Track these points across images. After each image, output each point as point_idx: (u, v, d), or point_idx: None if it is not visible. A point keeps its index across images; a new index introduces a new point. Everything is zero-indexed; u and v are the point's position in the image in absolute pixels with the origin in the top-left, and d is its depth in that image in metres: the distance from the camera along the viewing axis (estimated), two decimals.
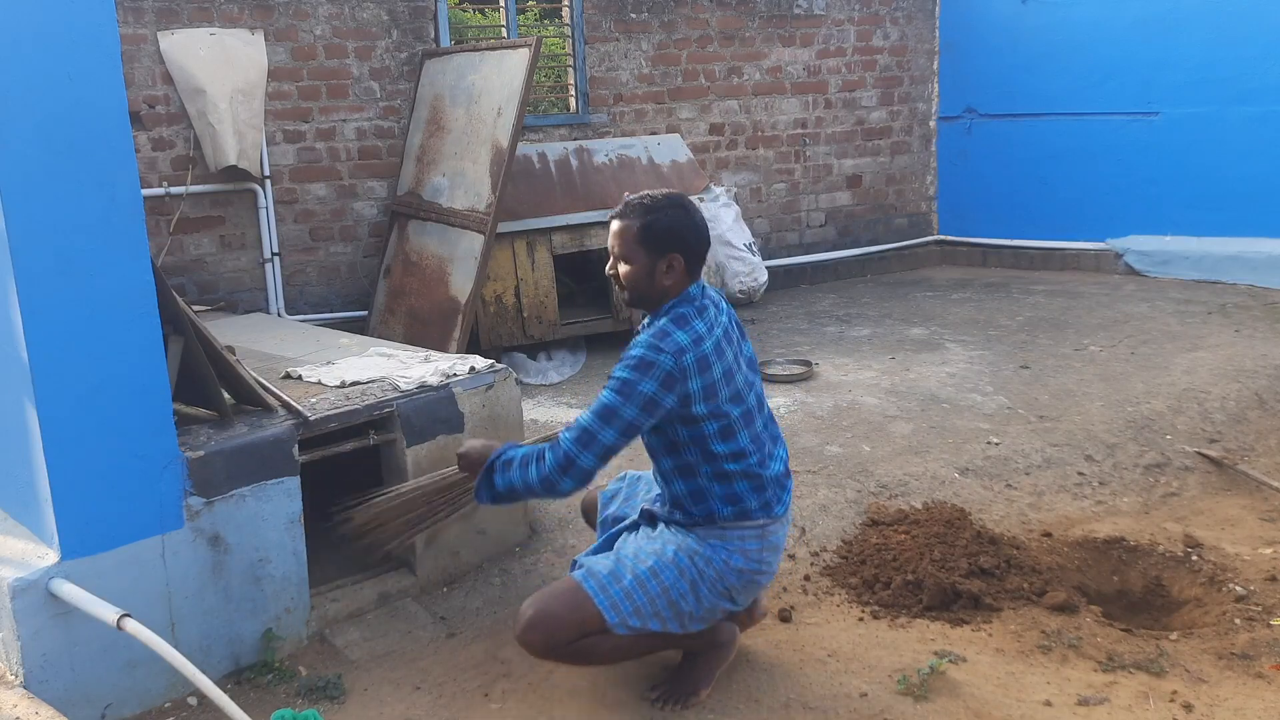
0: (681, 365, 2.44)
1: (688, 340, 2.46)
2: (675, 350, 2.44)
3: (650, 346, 2.45)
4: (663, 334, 2.47)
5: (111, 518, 2.55)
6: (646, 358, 2.44)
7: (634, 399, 2.44)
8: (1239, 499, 3.92)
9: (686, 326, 2.49)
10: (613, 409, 2.45)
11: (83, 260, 2.42)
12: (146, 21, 5.14)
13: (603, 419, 2.46)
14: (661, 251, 2.52)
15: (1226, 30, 6.49)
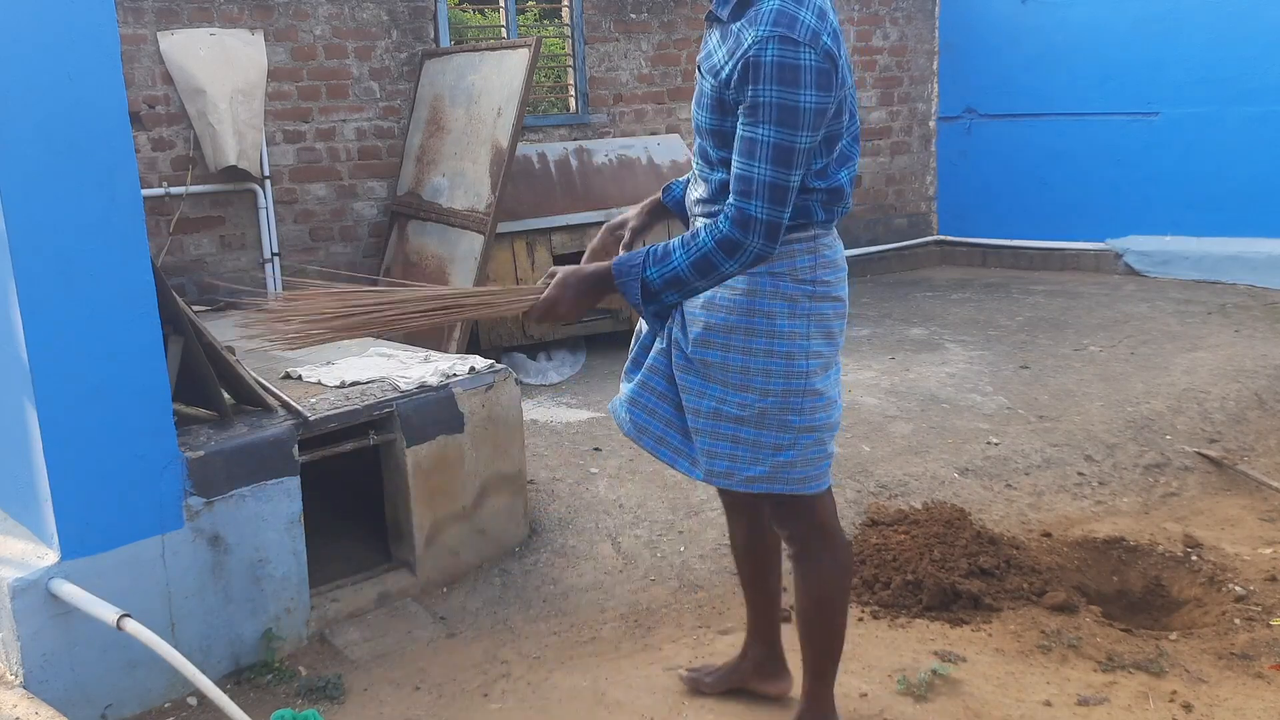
0: (825, 51, 1.91)
1: (813, 19, 1.91)
2: (808, 33, 1.90)
3: (780, 42, 1.88)
4: (780, 19, 1.89)
5: (111, 518, 2.55)
6: (786, 62, 1.87)
7: (805, 118, 1.91)
8: (1239, 499, 3.92)
9: (795, 3, 1.91)
10: (790, 145, 1.91)
11: (83, 260, 2.42)
12: (146, 21, 5.14)
13: (782, 158, 1.92)
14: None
15: (1226, 30, 6.49)
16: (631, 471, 3.84)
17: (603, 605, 3.18)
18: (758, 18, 1.92)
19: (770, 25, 1.90)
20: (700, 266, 2.01)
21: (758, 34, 1.90)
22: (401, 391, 3.21)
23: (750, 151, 1.94)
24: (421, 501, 3.22)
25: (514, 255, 5.30)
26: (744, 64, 1.92)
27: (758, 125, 1.92)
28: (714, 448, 2.17)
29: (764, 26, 1.90)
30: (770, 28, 1.89)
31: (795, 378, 2.13)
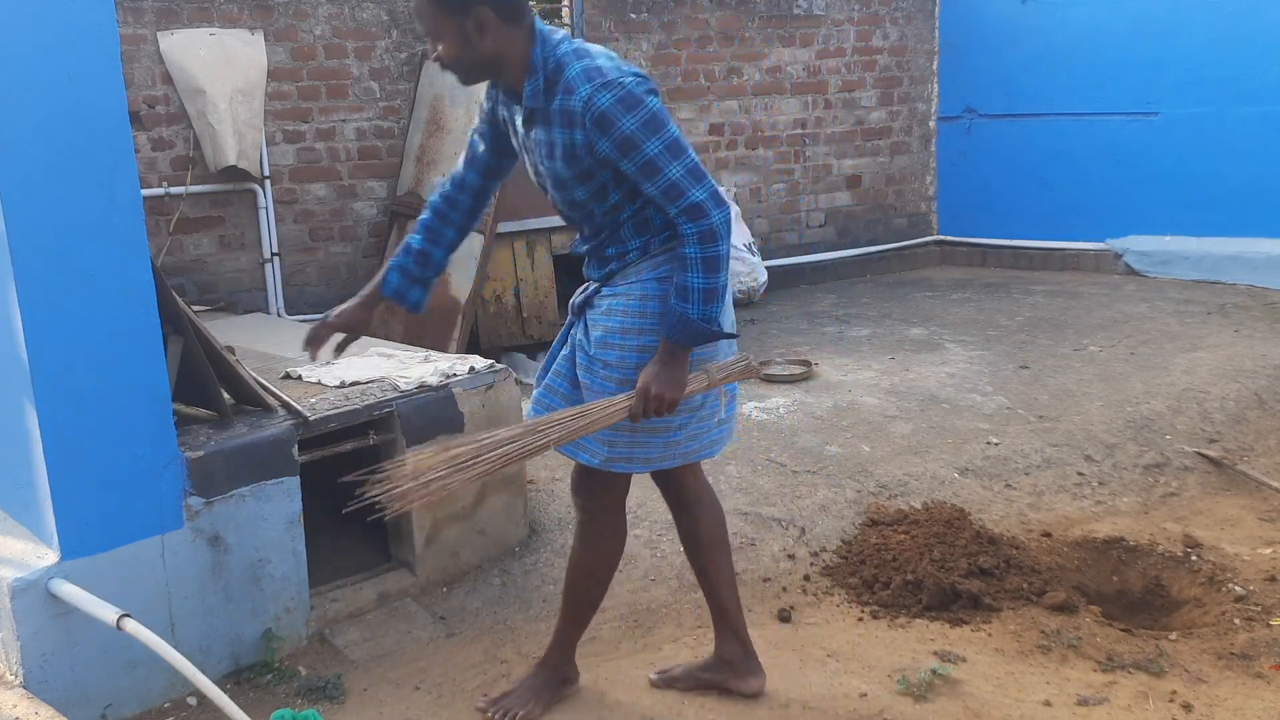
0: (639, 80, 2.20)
1: (612, 65, 2.19)
2: (616, 73, 2.18)
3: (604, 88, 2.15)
4: (592, 73, 2.17)
5: (111, 518, 2.55)
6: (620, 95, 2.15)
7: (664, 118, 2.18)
8: (1238, 499, 3.92)
9: (589, 54, 2.21)
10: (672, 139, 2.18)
11: (83, 260, 2.42)
12: (146, 21, 5.14)
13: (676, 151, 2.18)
14: (465, 10, 2.18)
15: (1226, 30, 6.49)
16: None
17: (602, 605, 3.16)
18: (570, 87, 2.18)
19: (586, 84, 2.16)
20: (709, 269, 2.23)
21: (583, 95, 2.16)
22: (401, 391, 3.21)
23: (653, 169, 2.19)
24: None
25: (514, 255, 5.30)
26: (594, 122, 2.17)
27: (641, 149, 2.17)
28: (614, 438, 2.39)
29: (583, 88, 2.16)
30: (588, 85, 2.16)
31: None
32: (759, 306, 6.62)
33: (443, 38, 2.24)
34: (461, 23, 2.20)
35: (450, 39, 2.23)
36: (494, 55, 2.25)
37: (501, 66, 2.27)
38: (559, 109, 2.21)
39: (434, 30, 2.25)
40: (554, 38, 2.26)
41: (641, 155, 2.18)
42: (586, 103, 2.16)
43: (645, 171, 2.20)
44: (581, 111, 2.17)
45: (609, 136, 2.18)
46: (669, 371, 2.29)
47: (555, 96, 2.21)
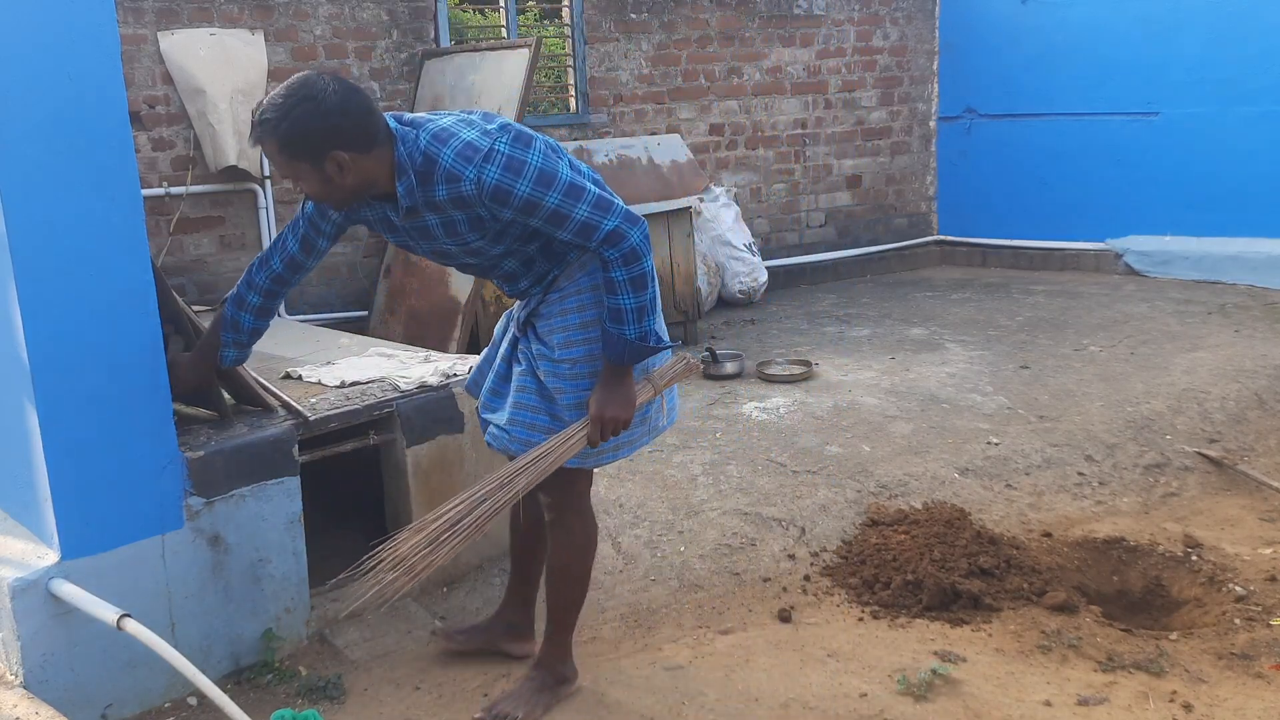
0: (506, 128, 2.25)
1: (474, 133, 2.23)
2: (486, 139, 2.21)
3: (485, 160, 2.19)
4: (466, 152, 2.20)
5: (111, 518, 2.55)
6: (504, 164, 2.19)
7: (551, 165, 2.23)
8: (1239, 499, 3.92)
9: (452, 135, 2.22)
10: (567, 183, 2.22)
11: (83, 260, 2.42)
12: (146, 21, 5.15)
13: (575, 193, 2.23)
14: (318, 157, 2.17)
15: (1226, 30, 6.49)
16: (631, 472, 3.85)
17: (603, 605, 3.18)
18: (453, 175, 2.20)
19: (467, 165, 2.19)
20: (637, 288, 2.28)
21: (471, 178, 2.19)
22: (401, 391, 3.21)
23: (561, 217, 2.24)
24: (421, 501, 3.21)
25: None
26: (491, 197, 2.21)
27: (543, 204, 2.22)
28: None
29: (468, 170, 2.19)
30: (470, 167, 2.19)
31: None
32: (759, 306, 6.62)
33: (301, 180, 2.24)
34: (317, 166, 2.19)
35: (309, 181, 2.23)
36: (359, 184, 2.25)
37: (369, 187, 2.27)
38: (448, 197, 2.25)
39: (291, 175, 2.23)
40: (409, 132, 2.25)
41: (545, 209, 2.23)
42: (478, 184, 2.20)
43: (554, 221, 2.25)
44: (476, 193, 2.21)
45: (510, 205, 2.23)
46: (616, 392, 2.36)
47: (437, 187, 2.24)
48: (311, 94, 2.16)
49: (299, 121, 2.15)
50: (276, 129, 2.16)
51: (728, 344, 5.69)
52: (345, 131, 2.17)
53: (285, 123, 2.15)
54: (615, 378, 2.36)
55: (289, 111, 2.15)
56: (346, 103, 2.18)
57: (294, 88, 2.18)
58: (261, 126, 2.18)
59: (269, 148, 2.21)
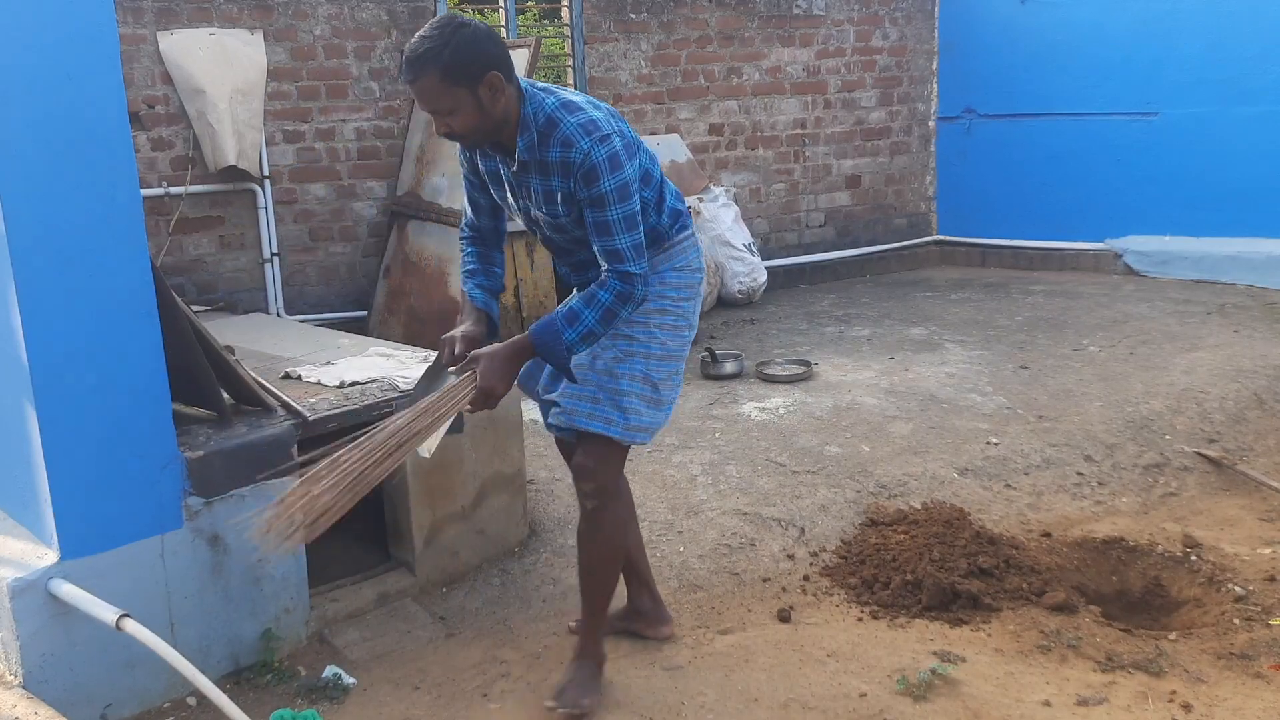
0: (623, 133, 2.41)
1: (600, 115, 2.39)
2: (609, 124, 2.37)
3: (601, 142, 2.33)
4: (589, 127, 2.35)
5: (111, 518, 2.55)
6: (611, 153, 2.34)
7: (633, 190, 2.39)
8: (1238, 499, 3.93)
9: (579, 109, 2.38)
10: (633, 212, 2.39)
11: (83, 260, 2.42)
12: (146, 21, 5.14)
13: (631, 224, 2.39)
14: (476, 79, 2.29)
15: (1226, 30, 6.49)
16: (631, 472, 3.84)
17: None
18: (568, 139, 2.34)
19: (585, 137, 2.33)
20: (606, 319, 2.43)
21: (583, 148, 2.33)
22: (401, 391, 3.21)
23: (608, 230, 2.39)
24: (421, 501, 3.22)
25: (513, 255, 5.30)
26: (585, 174, 2.34)
27: (606, 208, 2.37)
28: (635, 406, 2.56)
29: (582, 141, 2.33)
30: (586, 139, 2.33)
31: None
32: (758, 306, 6.62)
33: (459, 110, 2.32)
34: (474, 91, 2.30)
35: (467, 109, 2.32)
36: (504, 115, 2.37)
37: (504, 125, 2.39)
38: (558, 160, 2.38)
39: (449, 106, 2.31)
40: (538, 94, 2.41)
41: (603, 214, 2.38)
42: (585, 156, 2.33)
43: (598, 228, 2.40)
44: (580, 162, 2.34)
45: (589, 189, 2.36)
46: (508, 366, 2.44)
47: (552, 149, 2.38)
48: (463, 22, 2.30)
49: (462, 45, 2.26)
50: (440, 55, 2.25)
51: (727, 344, 5.69)
52: (498, 56, 2.32)
53: (449, 49, 2.25)
54: (519, 356, 2.47)
55: (450, 38, 2.26)
56: (492, 32, 2.36)
57: (443, 22, 2.30)
58: (423, 58, 2.26)
59: (427, 81, 2.27)
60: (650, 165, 2.57)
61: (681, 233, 2.65)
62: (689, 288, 2.66)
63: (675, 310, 2.62)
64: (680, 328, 2.63)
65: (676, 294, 2.62)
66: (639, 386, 2.56)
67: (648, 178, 2.54)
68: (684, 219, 2.67)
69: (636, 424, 2.56)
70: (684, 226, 2.66)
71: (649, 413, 2.58)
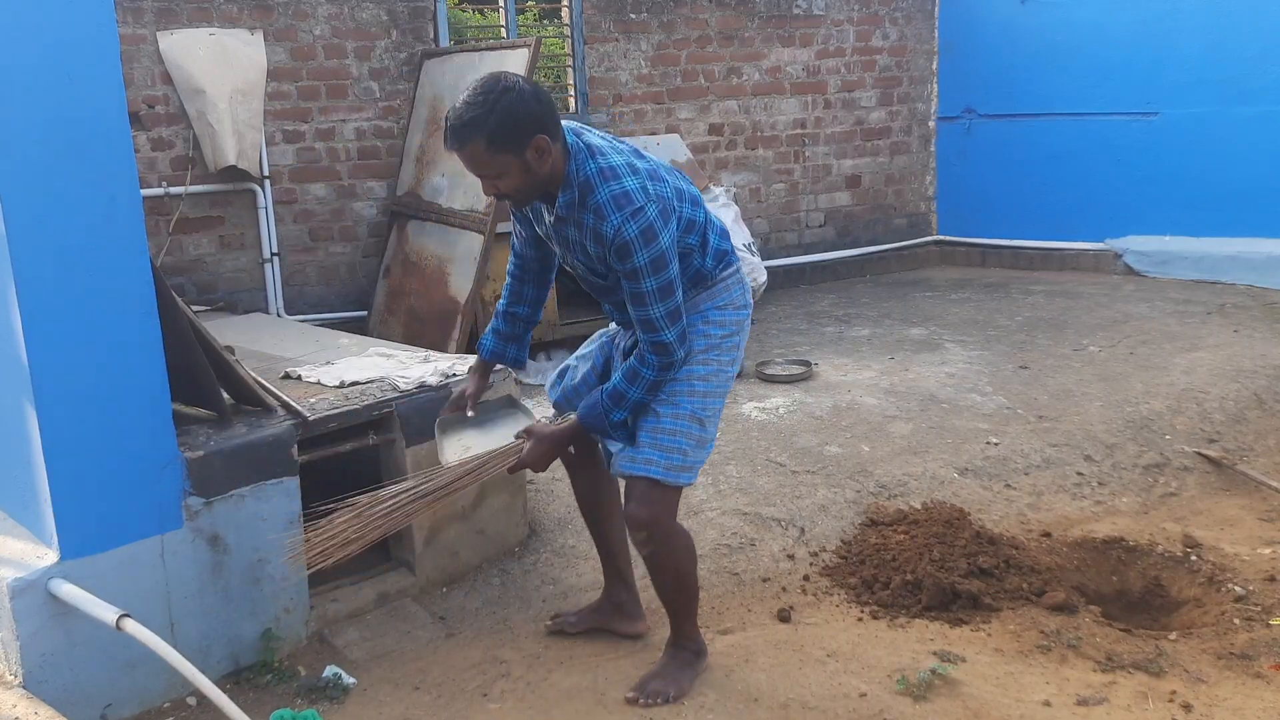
0: (659, 196, 2.38)
1: (636, 184, 2.36)
2: (642, 195, 2.34)
3: (633, 217, 2.32)
4: (621, 200, 2.33)
5: (111, 518, 2.55)
6: (644, 227, 2.32)
7: (669, 257, 2.37)
8: (1238, 499, 3.93)
9: (616, 176, 2.36)
10: (668, 281, 2.38)
11: (83, 260, 2.42)
12: (146, 21, 5.14)
13: (666, 294, 2.38)
14: (522, 145, 2.28)
15: (1226, 30, 6.49)
16: None
17: None
18: (602, 213, 2.34)
19: (617, 211, 2.32)
20: (651, 390, 2.50)
21: (614, 223, 2.32)
22: (401, 391, 3.21)
23: (642, 300, 2.39)
24: None
25: None
26: (617, 249, 2.34)
27: (640, 281, 2.37)
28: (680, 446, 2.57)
29: (614, 215, 2.32)
30: (618, 214, 2.32)
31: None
32: (759, 306, 6.60)
33: (506, 175, 2.33)
34: (521, 156, 2.30)
35: (514, 174, 2.33)
36: (551, 174, 2.37)
37: (553, 180, 2.39)
38: (592, 227, 2.39)
39: (497, 172, 2.32)
40: (581, 152, 2.39)
41: (638, 286, 2.38)
42: (617, 231, 2.33)
43: (634, 298, 2.41)
44: (611, 237, 2.34)
45: (623, 263, 2.37)
46: (554, 450, 2.62)
47: (587, 213, 2.39)
48: (509, 86, 2.27)
49: (508, 110, 2.24)
50: (485, 122, 2.24)
51: None
52: (544, 117, 2.30)
53: (494, 115, 2.24)
54: (566, 440, 2.62)
55: (495, 104, 2.24)
56: (538, 90, 2.33)
57: (488, 85, 2.28)
58: (468, 126, 2.25)
59: (474, 147, 2.27)
60: (693, 212, 2.52)
61: (725, 270, 2.63)
62: (734, 324, 2.64)
63: (720, 345, 2.60)
64: (725, 363, 2.61)
65: (720, 331, 2.61)
66: (686, 425, 2.54)
67: (691, 225, 2.52)
68: (729, 257, 2.65)
69: (680, 463, 2.53)
70: (728, 264, 2.64)
71: (694, 451, 2.56)
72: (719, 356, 2.60)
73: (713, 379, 2.58)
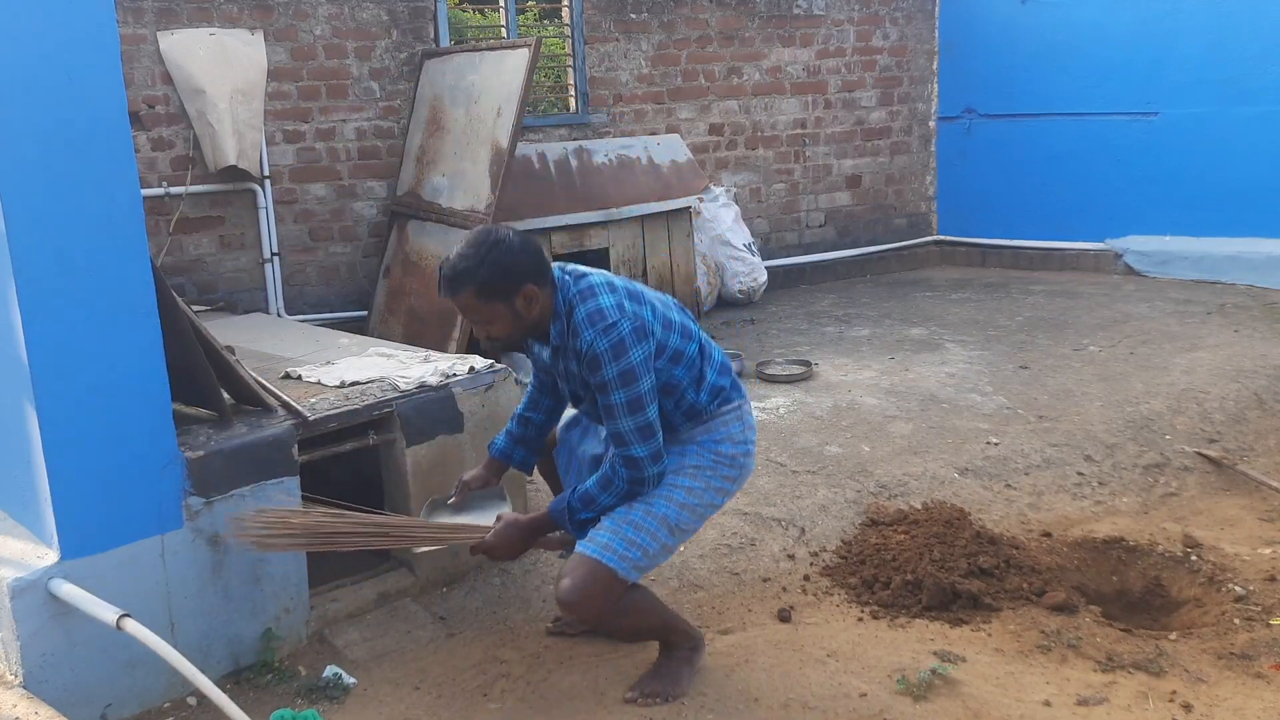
0: (635, 315, 2.44)
1: (611, 300, 2.44)
2: (616, 312, 2.42)
3: (604, 333, 2.40)
4: (594, 317, 2.42)
5: (111, 518, 2.55)
6: (614, 341, 2.40)
7: (639, 373, 2.42)
8: (1238, 499, 3.93)
9: (593, 295, 2.46)
10: (637, 396, 2.42)
11: (83, 260, 2.42)
12: (146, 21, 5.15)
13: (635, 409, 2.43)
14: (511, 294, 2.43)
15: (1226, 30, 6.49)
16: None
17: None
18: (578, 328, 2.44)
19: (590, 328, 2.41)
20: (621, 498, 2.53)
21: (586, 339, 2.41)
22: (401, 391, 3.21)
23: (613, 414, 2.46)
24: (422, 501, 3.21)
25: None
26: (589, 362, 2.43)
27: (610, 394, 2.44)
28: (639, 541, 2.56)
29: (587, 332, 2.42)
30: (590, 330, 2.41)
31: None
32: (758, 306, 6.62)
33: (496, 321, 2.46)
34: (511, 305, 2.43)
35: (503, 320, 2.46)
36: (540, 318, 2.50)
37: (544, 322, 2.52)
38: (574, 347, 2.48)
39: (485, 318, 2.46)
40: (567, 282, 2.49)
41: (608, 399, 2.45)
42: (589, 346, 2.42)
43: (605, 411, 2.47)
44: (585, 352, 2.43)
45: (594, 375, 2.45)
46: (522, 539, 2.63)
47: (570, 336, 2.49)
48: (498, 239, 2.42)
49: (497, 262, 2.39)
50: (476, 274, 2.39)
51: (727, 344, 5.69)
52: (532, 267, 2.43)
53: (484, 266, 2.38)
54: (535, 532, 2.64)
55: (484, 256, 2.39)
56: (526, 242, 2.46)
57: (478, 238, 2.43)
58: (460, 277, 2.40)
59: (465, 297, 2.42)
60: (682, 344, 2.56)
61: (724, 406, 2.64)
62: (728, 459, 2.65)
63: (713, 470, 2.62)
64: (713, 488, 2.63)
65: (714, 460, 2.62)
66: (656, 526, 2.53)
67: (678, 357, 2.55)
68: (727, 394, 2.65)
69: (636, 560, 2.50)
70: (726, 400, 2.65)
71: (654, 554, 2.55)
72: (710, 479, 2.62)
73: (696, 495, 2.60)
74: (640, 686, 2.67)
